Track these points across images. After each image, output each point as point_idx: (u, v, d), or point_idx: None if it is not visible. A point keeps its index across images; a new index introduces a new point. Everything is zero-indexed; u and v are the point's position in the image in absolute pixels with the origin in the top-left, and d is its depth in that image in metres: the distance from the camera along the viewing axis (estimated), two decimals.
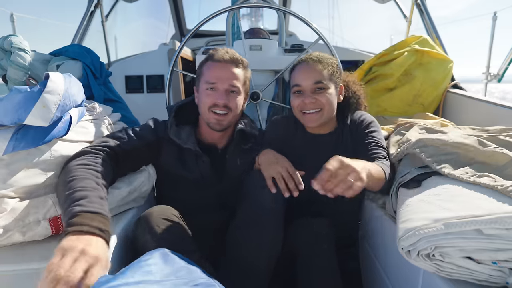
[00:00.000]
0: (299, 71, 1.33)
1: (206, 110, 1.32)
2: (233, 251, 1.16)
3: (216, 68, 1.31)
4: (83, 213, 0.84)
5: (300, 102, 1.30)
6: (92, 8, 2.81)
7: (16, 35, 1.61)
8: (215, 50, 1.36)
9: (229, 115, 1.32)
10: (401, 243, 0.81)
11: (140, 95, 2.77)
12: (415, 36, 2.23)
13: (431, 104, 2.11)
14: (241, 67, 1.35)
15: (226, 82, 1.30)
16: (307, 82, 1.29)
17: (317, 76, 1.29)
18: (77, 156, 1.06)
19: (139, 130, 1.30)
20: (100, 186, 0.97)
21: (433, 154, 1.05)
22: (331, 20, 8.38)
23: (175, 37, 3.90)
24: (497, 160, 0.94)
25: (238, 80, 1.32)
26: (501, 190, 0.81)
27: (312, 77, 1.29)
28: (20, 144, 0.97)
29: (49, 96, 1.02)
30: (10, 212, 0.92)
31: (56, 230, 0.99)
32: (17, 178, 0.96)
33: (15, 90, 1.00)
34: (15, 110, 0.97)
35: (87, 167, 1.02)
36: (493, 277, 0.74)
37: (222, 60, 1.31)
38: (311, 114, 1.30)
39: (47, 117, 1.01)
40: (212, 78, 1.30)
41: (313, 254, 1.17)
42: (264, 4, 2.22)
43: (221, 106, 1.29)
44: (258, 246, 1.13)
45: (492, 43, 2.85)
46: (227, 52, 1.33)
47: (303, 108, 1.31)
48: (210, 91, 1.31)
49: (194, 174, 1.34)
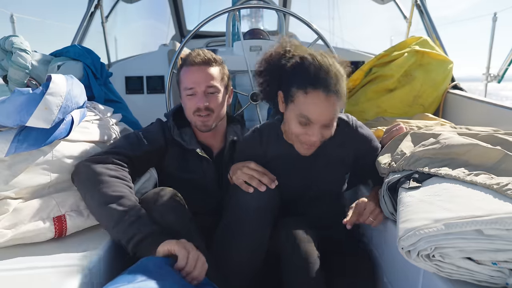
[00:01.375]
0: (315, 103, 1.07)
1: (191, 115, 1.34)
2: (218, 249, 1.16)
3: (191, 73, 1.32)
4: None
5: (309, 136, 1.11)
6: (92, 9, 2.82)
7: (17, 36, 1.61)
8: (189, 55, 1.36)
9: (212, 115, 1.33)
10: (401, 243, 0.81)
11: (140, 96, 2.77)
12: (415, 37, 2.23)
13: (431, 105, 2.11)
14: (214, 65, 1.35)
15: (203, 84, 1.31)
16: (322, 119, 1.10)
17: (332, 114, 1.18)
18: (102, 162, 1.11)
19: (149, 134, 1.32)
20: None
21: (428, 163, 1.04)
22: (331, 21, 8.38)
23: (175, 38, 3.90)
24: (491, 157, 0.94)
25: (214, 79, 1.33)
26: (497, 189, 0.81)
27: (329, 115, 1.15)
28: (22, 146, 0.97)
29: (51, 98, 1.02)
30: (13, 213, 0.92)
31: (59, 231, 0.99)
32: (19, 179, 0.97)
33: (17, 91, 1.00)
34: (17, 111, 0.98)
35: (122, 182, 1.09)
36: (493, 278, 0.74)
37: (194, 63, 1.32)
38: (310, 147, 1.15)
39: (49, 119, 1.01)
40: (189, 84, 1.31)
41: (293, 254, 1.13)
42: (264, 4, 2.22)
43: (203, 109, 1.31)
44: (243, 245, 1.13)
45: (492, 43, 2.85)
46: (199, 54, 1.34)
47: (307, 141, 1.13)
48: (190, 96, 1.32)
49: (197, 175, 1.34)
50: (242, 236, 1.13)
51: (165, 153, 1.35)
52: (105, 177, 1.05)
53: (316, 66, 1.06)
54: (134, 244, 0.95)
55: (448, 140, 1.06)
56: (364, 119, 2.04)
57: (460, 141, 1.03)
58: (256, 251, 1.15)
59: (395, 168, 1.14)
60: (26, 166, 0.98)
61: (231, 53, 2.10)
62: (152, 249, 0.91)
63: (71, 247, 0.98)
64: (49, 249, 0.95)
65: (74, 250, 0.97)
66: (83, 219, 1.05)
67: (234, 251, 1.13)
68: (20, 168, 0.97)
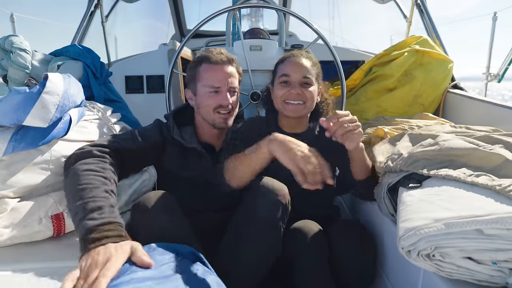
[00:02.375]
0: (290, 63, 1.37)
1: (210, 111, 1.35)
2: (226, 255, 1.15)
3: (216, 71, 1.34)
4: (99, 226, 0.84)
5: (286, 91, 1.34)
6: (92, 8, 2.81)
7: (16, 35, 1.61)
8: (209, 52, 1.37)
9: (232, 113, 1.39)
10: (401, 243, 0.81)
11: (140, 96, 2.77)
12: (415, 37, 2.23)
13: (431, 105, 2.11)
14: (235, 65, 1.40)
15: (228, 84, 1.34)
16: (296, 75, 1.34)
17: (306, 71, 1.35)
18: (82, 158, 1.04)
19: (144, 131, 1.32)
20: (109, 194, 0.96)
21: (426, 165, 1.04)
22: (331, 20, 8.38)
23: (175, 38, 3.90)
24: (491, 161, 0.94)
25: (236, 78, 1.38)
26: (500, 191, 0.80)
27: (302, 71, 1.34)
28: (19, 145, 0.97)
29: (48, 96, 1.02)
30: (11, 212, 0.92)
31: (58, 229, 0.99)
32: (17, 179, 0.97)
33: (14, 90, 1.00)
34: (14, 111, 0.97)
35: (95, 173, 0.99)
36: (493, 277, 0.74)
37: (220, 62, 1.34)
38: (294, 105, 1.34)
39: (46, 118, 1.01)
40: (216, 82, 1.33)
41: (308, 261, 1.15)
42: (264, 4, 2.22)
43: (226, 107, 1.34)
44: (253, 253, 1.12)
45: (492, 43, 2.85)
46: (222, 53, 1.36)
47: (287, 98, 1.34)
48: (213, 94, 1.34)
49: (196, 173, 1.34)
50: (252, 244, 1.11)
51: (163, 152, 1.34)
52: (79, 172, 0.98)
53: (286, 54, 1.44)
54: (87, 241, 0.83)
55: (447, 143, 1.05)
56: (364, 118, 2.04)
57: (459, 144, 1.03)
58: (265, 259, 1.15)
59: (392, 168, 1.14)
60: (24, 165, 0.98)
61: (231, 52, 2.10)
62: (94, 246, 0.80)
63: (70, 245, 0.98)
64: (49, 248, 0.95)
65: (74, 248, 0.96)
66: None
67: (242, 259, 1.12)
68: (18, 168, 0.97)
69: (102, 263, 0.74)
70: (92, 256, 0.76)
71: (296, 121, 1.42)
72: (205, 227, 1.22)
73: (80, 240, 0.83)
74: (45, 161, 1.03)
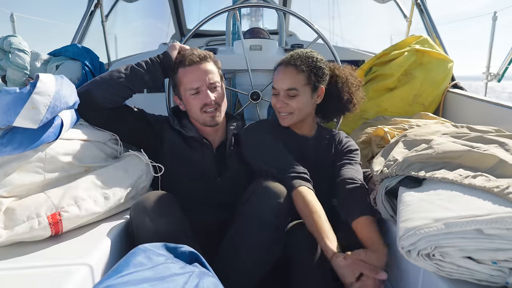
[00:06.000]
0: (277, 73, 1.39)
1: (198, 112, 1.37)
2: (227, 255, 1.15)
3: (192, 72, 1.35)
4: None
5: (275, 102, 1.39)
6: (92, 8, 2.81)
7: (15, 36, 1.60)
8: (182, 56, 1.38)
9: (219, 108, 1.39)
10: (401, 243, 0.81)
11: (140, 95, 2.76)
12: (415, 36, 2.23)
13: (431, 104, 2.11)
14: (210, 60, 1.39)
15: (206, 81, 1.35)
16: (281, 86, 1.36)
17: (290, 83, 1.33)
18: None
19: (151, 114, 1.47)
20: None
21: (421, 168, 1.04)
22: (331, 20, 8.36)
23: (175, 37, 3.90)
24: (485, 162, 0.93)
25: (214, 74, 1.38)
26: (498, 193, 0.79)
27: (286, 83, 1.34)
28: (5, 149, 0.95)
29: (39, 97, 0.99)
30: (6, 213, 0.92)
31: (56, 228, 0.98)
32: (11, 178, 0.96)
33: (4, 91, 0.97)
34: (3, 111, 0.95)
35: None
36: (493, 277, 0.74)
37: (193, 62, 1.35)
38: (282, 116, 1.39)
39: (37, 118, 0.98)
40: (193, 83, 1.34)
41: (307, 261, 1.15)
42: (264, 4, 2.22)
43: (210, 104, 1.35)
44: (254, 255, 1.12)
45: (492, 43, 2.85)
46: (194, 53, 1.37)
47: (276, 108, 1.40)
48: (195, 96, 1.35)
49: (196, 163, 1.37)
50: (253, 246, 1.12)
51: (163, 140, 1.39)
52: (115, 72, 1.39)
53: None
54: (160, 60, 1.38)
55: (441, 146, 1.05)
56: (365, 118, 2.03)
57: (453, 146, 1.02)
58: (266, 261, 1.15)
59: (387, 174, 1.14)
60: (18, 165, 0.97)
61: (231, 52, 2.10)
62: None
63: (69, 244, 0.98)
64: (48, 247, 0.95)
65: (73, 247, 0.96)
66: (78, 215, 1.02)
67: (243, 260, 1.12)
68: (13, 167, 0.96)
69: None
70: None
71: (299, 123, 1.42)
72: (206, 228, 1.22)
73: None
74: (40, 160, 1.01)
